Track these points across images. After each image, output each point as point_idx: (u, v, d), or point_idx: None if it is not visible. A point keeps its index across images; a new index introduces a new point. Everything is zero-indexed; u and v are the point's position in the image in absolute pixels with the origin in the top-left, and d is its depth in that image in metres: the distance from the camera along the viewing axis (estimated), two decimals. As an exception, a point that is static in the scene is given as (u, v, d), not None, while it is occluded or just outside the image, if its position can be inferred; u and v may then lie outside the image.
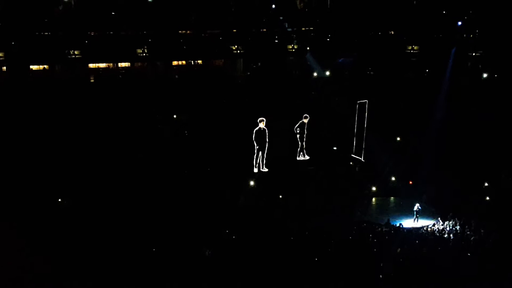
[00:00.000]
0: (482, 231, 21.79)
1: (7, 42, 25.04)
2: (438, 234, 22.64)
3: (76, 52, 26.75)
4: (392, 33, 30.36)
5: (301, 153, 18.21)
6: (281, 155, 20.99)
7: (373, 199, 28.03)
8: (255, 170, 14.37)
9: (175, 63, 30.66)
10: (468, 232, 22.07)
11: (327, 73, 29.50)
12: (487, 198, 25.87)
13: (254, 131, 13.49)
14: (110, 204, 22.83)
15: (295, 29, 29.84)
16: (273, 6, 27.96)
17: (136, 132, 26.48)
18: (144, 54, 28.21)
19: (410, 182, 28.23)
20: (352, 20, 28.69)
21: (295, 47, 30.05)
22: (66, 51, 26.52)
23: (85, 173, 24.40)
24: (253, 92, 28.51)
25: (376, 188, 28.23)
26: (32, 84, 26.72)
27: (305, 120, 17.45)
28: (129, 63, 29.80)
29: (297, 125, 17.42)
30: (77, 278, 16.62)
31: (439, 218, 24.53)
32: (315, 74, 29.98)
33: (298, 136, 17.69)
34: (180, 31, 28.53)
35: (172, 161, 26.44)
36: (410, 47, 30.11)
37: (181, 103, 28.08)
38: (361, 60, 29.56)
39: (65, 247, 18.78)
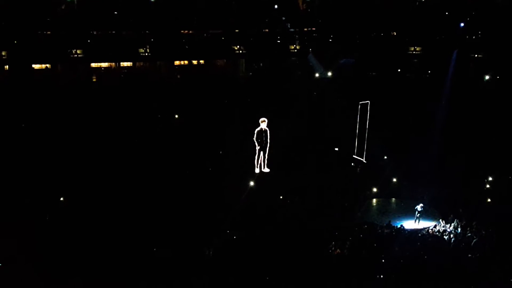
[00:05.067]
0: (483, 232, 21.76)
1: (9, 41, 25.10)
2: (439, 236, 22.60)
3: (78, 52, 26.89)
4: (395, 34, 30.34)
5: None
6: (282, 155, 21.00)
7: (374, 200, 27.96)
8: (257, 170, 14.26)
9: (177, 63, 30.71)
10: (469, 234, 22.03)
11: (329, 73, 29.48)
12: (489, 200, 25.83)
13: (256, 131, 13.41)
14: (112, 204, 22.85)
15: (297, 29, 29.86)
16: (276, 6, 27.96)
17: (137, 131, 26.51)
18: (146, 54, 28.30)
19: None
20: (354, 21, 28.67)
21: (297, 47, 30.09)
22: (69, 51, 26.63)
23: (86, 173, 24.43)
24: (254, 92, 28.51)
25: (377, 189, 28.17)
26: (34, 83, 26.78)
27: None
28: (131, 63, 29.86)
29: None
30: (77, 277, 16.68)
31: (440, 220, 24.48)
32: (317, 74, 29.96)
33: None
34: (182, 31, 28.57)
35: (173, 161, 26.46)
36: (412, 48, 30.15)
37: (183, 103, 28.10)
38: (363, 61, 29.56)
39: (65, 247, 18.83)
